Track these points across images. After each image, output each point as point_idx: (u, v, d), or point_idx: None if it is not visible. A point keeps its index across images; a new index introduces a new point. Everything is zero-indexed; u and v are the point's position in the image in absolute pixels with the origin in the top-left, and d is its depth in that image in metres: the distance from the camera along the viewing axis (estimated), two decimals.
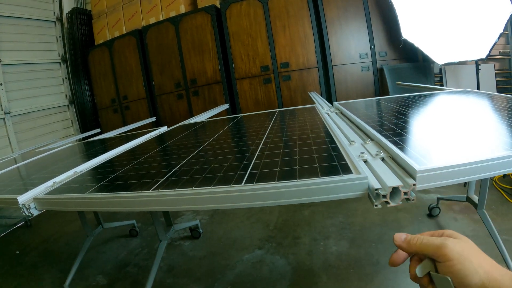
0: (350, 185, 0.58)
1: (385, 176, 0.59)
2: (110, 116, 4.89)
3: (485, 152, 0.64)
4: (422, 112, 1.28)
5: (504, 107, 1.15)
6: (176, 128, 1.89)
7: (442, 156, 0.67)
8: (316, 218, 2.32)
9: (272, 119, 1.54)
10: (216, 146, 1.11)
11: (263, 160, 0.81)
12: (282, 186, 0.60)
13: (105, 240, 2.35)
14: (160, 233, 1.80)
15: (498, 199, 2.19)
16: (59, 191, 0.91)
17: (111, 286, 1.85)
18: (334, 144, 0.85)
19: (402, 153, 0.68)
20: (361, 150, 0.77)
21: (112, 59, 4.63)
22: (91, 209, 0.83)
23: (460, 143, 0.75)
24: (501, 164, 0.60)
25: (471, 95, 1.57)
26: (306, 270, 1.78)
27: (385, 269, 1.69)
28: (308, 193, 0.59)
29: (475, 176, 0.60)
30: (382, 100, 1.81)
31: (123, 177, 0.93)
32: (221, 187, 0.65)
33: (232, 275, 1.83)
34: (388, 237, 1.94)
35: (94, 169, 1.14)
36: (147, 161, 1.09)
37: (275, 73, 3.79)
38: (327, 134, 0.98)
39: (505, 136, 0.75)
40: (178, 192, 0.69)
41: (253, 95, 3.92)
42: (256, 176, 0.68)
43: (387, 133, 0.90)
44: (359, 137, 0.95)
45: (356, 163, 0.65)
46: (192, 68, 4.11)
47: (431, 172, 0.58)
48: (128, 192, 0.75)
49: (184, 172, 0.83)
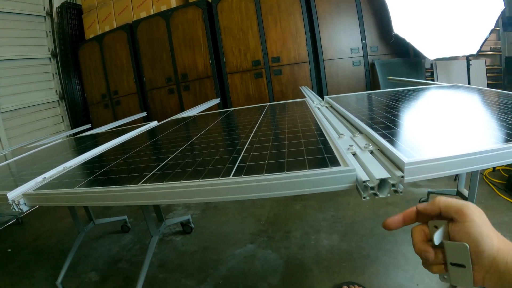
0: (338, 177, 0.58)
1: (373, 169, 0.59)
2: (101, 112, 4.84)
3: (474, 145, 0.65)
4: (412, 106, 1.29)
5: (494, 101, 1.17)
6: (167, 123, 1.88)
7: (431, 149, 0.67)
8: (308, 212, 2.33)
9: (262, 113, 1.54)
10: (205, 140, 1.11)
11: (252, 153, 0.81)
12: (270, 178, 0.60)
13: (97, 236, 2.34)
14: (152, 229, 1.80)
15: (488, 193, 2.22)
16: (48, 187, 0.90)
17: (103, 282, 1.84)
18: (323, 137, 0.85)
19: (391, 146, 0.68)
20: (350, 143, 0.77)
21: (103, 54, 4.58)
22: (81, 203, 0.82)
23: (450, 136, 0.75)
24: (490, 157, 0.61)
25: (461, 89, 1.58)
26: (297, 264, 1.79)
27: (376, 262, 1.71)
28: (297, 185, 0.59)
29: (463, 169, 0.60)
30: (373, 94, 1.81)
31: (113, 171, 0.92)
32: (209, 180, 0.65)
33: (224, 270, 1.83)
34: (379, 231, 1.95)
35: (84, 164, 1.13)
36: (137, 155, 1.08)
37: (266, 67, 3.78)
38: (316, 128, 0.99)
39: (494, 129, 0.76)
40: (167, 186, 0.68)
41: (244, 90, 3.91)
42: (244, 169, 0.68)
43: (376, 127, 0.91)
44: (349, 130, 0.95)
45: (345, 155, 0.65)
46: (183, 63, 4.08)
47: (419, 164, 0.58)
48: (116, 186, 0.75)
49: (173, 166, 0.82)
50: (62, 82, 4.85)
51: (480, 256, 0.40)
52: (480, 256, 0.40)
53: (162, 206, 2.27)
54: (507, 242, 0.40)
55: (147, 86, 4.38)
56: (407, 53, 3.76)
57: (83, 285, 1.83)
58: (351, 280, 1.59)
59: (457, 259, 0.42)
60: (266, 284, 1.68)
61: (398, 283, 1.56)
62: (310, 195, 2.46)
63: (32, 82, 4.53)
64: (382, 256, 1.75)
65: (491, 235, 0.40)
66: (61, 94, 4.88)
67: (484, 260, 0.40)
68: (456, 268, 0.42)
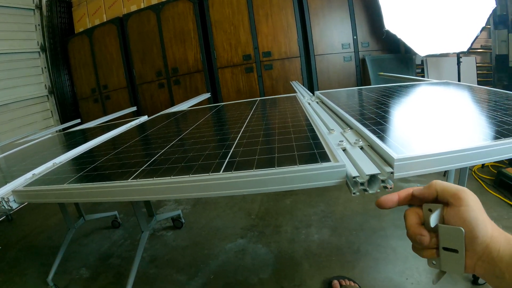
0: (328, 173, 0.58)
1: (363, 164, 0.60)
2: (91, 106, 4.79)
3: (463, 142, 0.65)
4: (403, 102, 1.29)
5: (484, 98, 1.18)
6: (157, 117, 1.86)
7: (421, 145, 0.67)
8: (298, 207, 2.34)
9: (253, 108, 1.53)
10: (196, 135, 1.10)
11: (242, 148, 0.80)
12: (260, 174, 0.60)
13: (87, 232, 2.32)
14: (142, 224, 1.79)
15: (477, 189, 2.24)
16: (38, 183, 0.89)
17: (94, 278, 1.83)
18: (314, 132, 0.85)
19: (381, 142, 0.68)
20: (340, 139, 0.77)
21: (92, 47, 4.52)
22: (71, 200, 0.81)
23: (439, 132, 0.76)
24: (478, 154, 0.61)
25: (451, 86, 1.59)
26: (288, 258, 1.80)
27: (366, 257, 1.73)
28: (286, 181, 0.59)
29: (452, 165, 0.61)
30: (363, 90, 1.82)
31: (102, 167, 0.91)
32: (200, 175, 0.65)
33: (215, 265, 1.83)
34: (368, 225, 1.97)
35: (74, 160, 1.12)
36: (127, 150, 1.07)
37: (257, 62, 3.77)
38: (307, 123, 0.99)
39: (483, 126, 0.77)
40: (157, 181, 0.68)
41: (234, 84, 3.90)
42: (234, 164, 0.68)
43: (367, 122, 0.91)
44: (339, 126, 0.96)
45: (335, 151, 0.65)
46: (174, 57, 4.04)
47: (409, 160, 0.59)
48: (106, 182, 0.74)
49: (163, 161, 0.82)
50: (51, 76, 4.77)
51: (474, 242, 0.39)
52: (474, 242, 0.39)
53: (153, 201, 2.26)
54: (500, 230, 0.40)
55: (137, 81, 4.34)
56: (398, 49, 3.78)
57: (74, 281, 1.81)
58: (341, 274, 1.60)
59: (451, 244, 0.41)
60: (257, 278, 1.69)
61: (388, 277, 1.57)
62: (300, 190, 2.47)
63: (21, 77, 4.45)
64: (372, 250, 1.77)
65: (486, 221, 0.40)
66: (50, 88, 4.80)
67: (477, 246, 0.40)
68: (448, 253, 0.42)
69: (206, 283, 1.71)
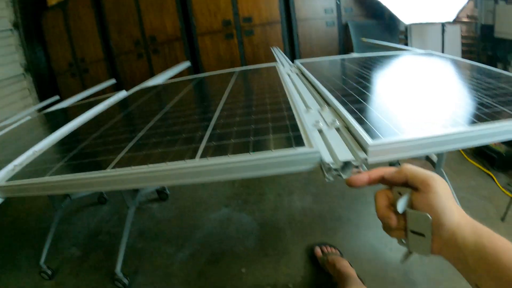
0: (302, 159, 0.59)
1: (338, 149, 0.60)
2: (69, 81, 4.62)
3: (439, 128, 0.66)
4: (383, 76, 1.28)
5: (466, 75, 1.18)
6: (136, 93, 1.82)
7: (398, 128, 0.67)
8: (281, 174, 2.37)
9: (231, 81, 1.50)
10: (173, 114, 1.09)
11: (218, 130, 0.80)
12: (234, 161, 0.60)
13: (75, 211, 2.31)
14: (128, 200, 1.79)
15: (457, 157, 2.30)
16: (21, 176, 0.86)
17: (85, 256, 1.85)
18: (291, 111, 0.85)
19: (357, 124, 0.68)
20: (317, 118, 0.77)
21: (67, 21, 4.30)
22: (53, 192, 0.81)
23: (417, 114, 0.76)
24: (452, 140, 0.62)
25: (435, 57, 1.58)
26: (272, 226, 1.85)
27: (347, 224, 1.79)
28: (261, 168, 0.60)
29: (425, 151, 0.62)
30: (344, 60, 1.80)
31: (82, 154, 0.90)
32: (175, 163, 0.65)
33: (201, 235, 1.87)
34: (350, 193, 2.03)
35: (54, 146, 1.10)
36: (106, 134, 1.05)
37: (237, 28, 3.66)
38: (284, 100, 0.98)
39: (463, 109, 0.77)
40: (134, 171, 0.68)
41: (215, 51, 3.80)
42: (210, 150, 0.68)
43: (345, 99, 0.91)
44: (317, 103, 0.96)
45: (310, 135, 0.66)
46: (151, 25, 3.88)
47: (383, 146, 0.60)
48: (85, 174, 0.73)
49: (142, 146, 0.82)
50: (26, 54, 4.53)
51: (440, 228, 0.41)
52: (440, 228, 0.41)
53: None
54: (467, 217, 0.41)
55: (115, 52, 4.19)
56: (382, 16, 3.71)
57: (66, 261, 1.83)
58: (323, 241, 1.66)
59: (418, 228, 0.43)
60: (242, 247, 1.74)
61: (369, 243, 1.64)
62: None
63: None
64: (353, 217, 1.83)
65: (453, 209, 0.41)
66: (26, 66, 4.57)
67: (443, 232, 0.41)
68: (415, 236, 0.43)
69: (193, 253, 1.76)
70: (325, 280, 1.49)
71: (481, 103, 0.79)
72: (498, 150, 2.08)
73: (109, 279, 1.65)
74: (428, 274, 1.43)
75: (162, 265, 1.71)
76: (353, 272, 1.37)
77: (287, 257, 1.64)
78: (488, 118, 0.68)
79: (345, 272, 1.34)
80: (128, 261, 1.73)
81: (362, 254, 1.59)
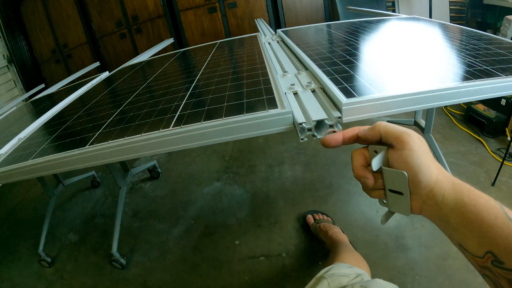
0: (275, 120, 0.58)
1: (311, 109, 0.59)
2: (53, 68, 4.54)
3: (416, 85, 0.65)
4: (366, 40, 1.25)
5: (450, 37, 1.16)
6: (118, 72, 1.79)
7: (376, 87, 0.66)
8: (270, 145, 2.38)
9: (211, 52, 1.48)
10: (152, 88, 1.08)
11: (193, 99, 0.79)
12: (206, 126, 0.60)
13: (69, 196, 2.31)
14: (119, 180, 1.80)
15: (447, 123, 2.31)
16: (6, 163, 0.86)
17: (83, 241, 1.87)
18: (266, 76, 0.84)
19: (333, 84, 0.67)
20: (293, 82, 0.76)
21: (46, 7, 4.17)
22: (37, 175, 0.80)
23: (396, 74, 0.75)
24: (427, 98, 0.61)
25: (419, 22, 1.55)
26: (263, 197, 1.87)
27: (338, 191, 1.81)
28: (234, 131, 0.59)
29: (399, 109, 0.61)
30: (328, 26, 1.77)
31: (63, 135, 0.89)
32: (150, 133, 0.64)
33: (194, 210, 1.89)
34: (339, 160, 2.04)
35: (37, 132, 1.09)
36: (85, 114, 1.05)
37: (220, 1, 3.57)
38: (261, 66, 0.97)
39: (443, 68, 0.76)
40: (111, 145, 0.68)
41: (199, 26, 3.72)
42: (184, 118, 0.67)
43: (323, 63, 0.89)
44: (295, 67, 0.94)
45: (283, 96, 0.65)
46: (133, 4, 3.77)
47: (357, 104, 0.58)
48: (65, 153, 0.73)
49: (119, 121, 0.81)
50: (8, 44, 4.41)
51: (418, 186, 0.39)
52: (418, 186, 0.39)
53: None
54: (446, 174, 0.40)
55: (98, 34, 4.09)
56: None
57: (65, 247, 1.85)
58: (314, 209, 1.69)
59: (396, 187, 0.42)
60: (234, 219, 1.76)
61: (360, 209, 1.66)
62: None
63: None
64: (344, 184, 1.85)
65: (430, 165, 0.39)
66: (9, 58, 4.46)
67: (421, 190, 0.40)
68: (394, 194, 0.42)
69: (187, 229, 1.78)
70: (318, 247, 1.52)
71: (465, 63, 0.78)
72: (488, 115, 2.08)
73: (107, 261, 1.67)
74: (420, 238, 1.46)
75: (157, 243, 1.73)
76: (345, 238, 1.39)
77: (279, 226, 1.67)
78: (470, 77, 0.66)
79: (337, 238, 1.36)
80: (124, 241, 1.75)
81: (354, 220, 1.61)
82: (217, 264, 1.54)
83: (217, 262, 1.56)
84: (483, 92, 0.64)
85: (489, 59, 0.79)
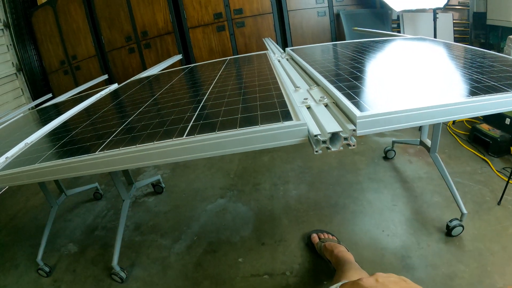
0: (290, 132, 0.58)
1: (326, 122, 0.60)
2: (61, 79, 4.60)
3: (426, 100, 0.65)
4: (374, 58, 1.27)
5: (456, 55, 1.17)
6: (127, 84, 1.81)
7: (387, 102, 0.67)
8: (276, 163, 2.37)
9: (221, 68, 1.50)
10: (163, 100, 1.08)
11: (206, 111, 0.80)
12: (221, 136, 0.60)
13: (71, 207, 2.29)
14: (122, 193, 1.78)
15: (451, 143, 2.30)
16: (11, 166, 0.86)
17: (82, 252, 1.83)
18: (279, 91, 0.84)
19: (345, 99, 0.68)
20: (305, 96, 0.77)
21: (57, 18, 4.26)
22: (42, 179, 0.80)
23: (407, 90, 0.76)
24: (442, 112, 0.62)
25: (426, 42, 1.57)
26: (268, 215, 1.85)
27: (343, 210, 1.78)
28: (248, 142, 0.59)
29: (412, 123, 0.61)
30: (335, 45, 1.79)
31: (71, 141, 0.90)
32: (163, 142, 0.64)
33: (198, 226, 1.87)
34: (345, 180, 2.02)
35: (45, 137, 1.09)
36: (95, 122, 1.05)
37: (228, 20, 3.65)
38: (273, 81, 0.98)
39: (451, 84, 0.77)
40: (122, 152, 0.67)
41: (207, 44, 3.79)
42: (197, 128, 0.67)
43: (334, 79, 0.90)
44: (306, 83, 0.95)
45: (298, 109, 0.65)
46: (142, 20, 3.86)
47: (371, 118, 0.59)
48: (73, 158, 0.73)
49: (129, 130, 0.81)
50: (18, 53, 4.50)
51: None
52: None
53: (131, 169, 2.24)
54: None
55: (107, 48, 4.16)
56: (373, 4, 3.71)
57: (63, 257, 1.81)
58: (319, 228, 1.66)
59: None
60: (238, 237, 1.73)
61: (365, 229, 1.64)
62: (277, 146, 2.49)
63: None
64: (349, 204, 1.83)
65: None
66: (18, 66, 4.54)
67: None
68: None
69: (190, 245, 1.75)
70: (322, 266, 1.49)
71: (472, 79, 0.78)
72: (492, 135, 2.07)
73: (107, 274, 1.63)
74: (426, 258, 1.43)
75: (159, 258, 1.70)
76: (351, 257, 1.36)
77: (283, 245, 1.64)
78: (478, 92, 0.67)
79: (343, 257, 1.33)
80: (125, 255, 1.72)
81: (359, 240, 1.58)
82: (220, 282, 1.51)
83: (219, 279, 1.52)
84: (495, 107, 0.65)
85: (496, 76, 0.80)
